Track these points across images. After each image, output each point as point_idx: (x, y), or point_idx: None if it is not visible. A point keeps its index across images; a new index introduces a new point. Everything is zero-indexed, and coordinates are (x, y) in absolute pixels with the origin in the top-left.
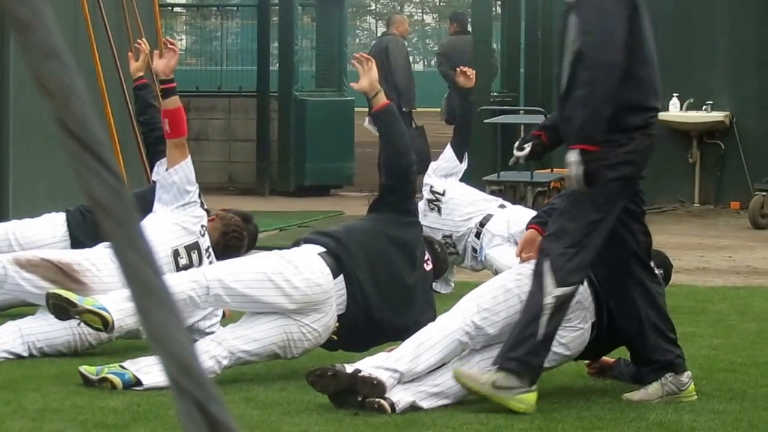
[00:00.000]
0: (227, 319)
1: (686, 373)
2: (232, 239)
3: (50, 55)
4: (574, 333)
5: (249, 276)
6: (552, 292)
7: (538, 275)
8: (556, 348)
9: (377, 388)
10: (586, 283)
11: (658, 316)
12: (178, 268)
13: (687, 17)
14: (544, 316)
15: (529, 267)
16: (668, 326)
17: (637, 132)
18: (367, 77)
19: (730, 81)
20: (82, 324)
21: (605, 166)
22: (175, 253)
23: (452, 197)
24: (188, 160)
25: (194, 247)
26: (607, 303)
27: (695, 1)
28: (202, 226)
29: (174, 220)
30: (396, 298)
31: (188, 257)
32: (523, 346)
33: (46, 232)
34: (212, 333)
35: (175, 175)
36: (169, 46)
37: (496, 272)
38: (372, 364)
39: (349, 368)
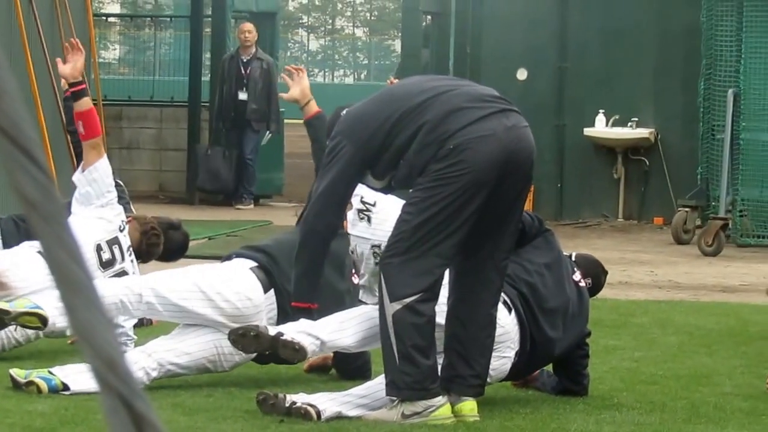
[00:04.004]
0: (154, 327)
1: (425, 402)
2: (152, 237)
3: None
4: (498, 361)
5: (182, 286)
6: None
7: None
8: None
9: (299, 353)
10: (513, 313)
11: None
12: (102, 262)
13: (615, 35)
14: (389, 330)
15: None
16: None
17: (431, 164)
18: (298, 86)
19: (655, 98)
20: (19, 327)
21: None
22: (98, 248)
23: (383, 208)
24: (105, 158)
25: (115, 242)
26: (531, 331)
27: (623, 18)
28: (123, 221)
29: (95, 215)
30: (327, 306)
31: (110, 252)
32: (392, 369)
33: None
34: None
35: (95, 173)
36: (75, 47)
37: None
38: (296, 329)
39: (272, 330)
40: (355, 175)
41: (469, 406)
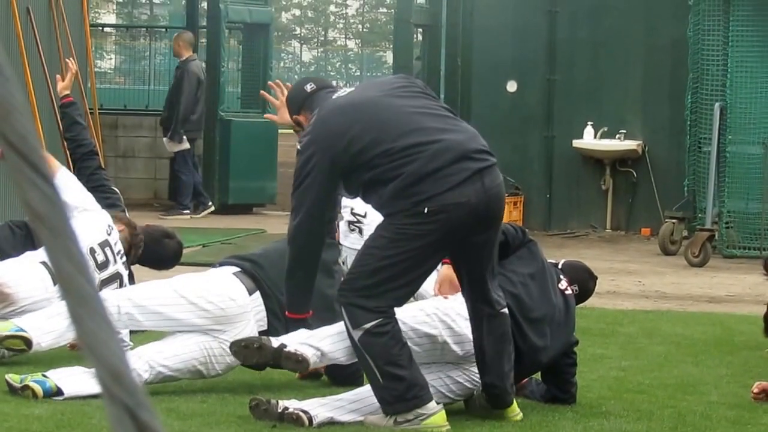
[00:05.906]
0: (148, 333)
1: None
2: (139, 242)
3: None
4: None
5: (160, 293)
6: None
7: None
8: (468, 384)
9: (301, 364)
10: None
11: None
12: (97, 264)
13: (602, 47)
14: (363, 353)
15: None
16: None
17: (401, 214)
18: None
19: (643, 111)
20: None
21: None
22: (92, 251)
23: (374, 219)
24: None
25: (106, 244)
26: (517, 341)
27: (611, 31)
28: (108, 225)
29: (81, 222)
30: (317, 312)
31: (104, 254)
32: (378, 388)
33: None
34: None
35: (62, 179)
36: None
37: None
38: (297, 340)
39: (275, 342)
40: (333, 186)
41: (511, 408)
